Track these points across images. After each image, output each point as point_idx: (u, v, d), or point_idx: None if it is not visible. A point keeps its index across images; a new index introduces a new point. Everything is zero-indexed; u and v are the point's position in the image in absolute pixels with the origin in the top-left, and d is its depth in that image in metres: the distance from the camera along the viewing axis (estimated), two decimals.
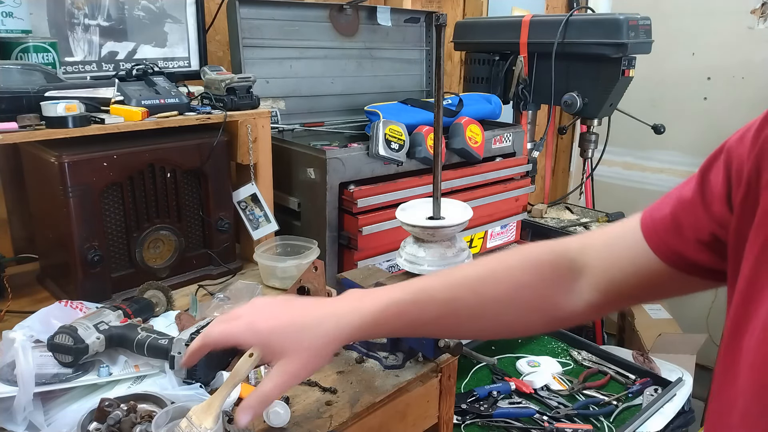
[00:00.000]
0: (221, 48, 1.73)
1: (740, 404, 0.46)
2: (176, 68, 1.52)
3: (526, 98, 2.01)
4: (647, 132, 2.10)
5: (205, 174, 1.31)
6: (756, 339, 0.45)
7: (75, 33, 1.33)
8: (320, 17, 1.78)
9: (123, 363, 0.97)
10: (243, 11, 1.59)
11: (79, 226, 1.12)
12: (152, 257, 1.27)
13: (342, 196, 1.44)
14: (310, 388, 0.96)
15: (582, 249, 0.65)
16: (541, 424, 1.41)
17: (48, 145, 1.11)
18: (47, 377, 0.90)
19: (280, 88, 1.73)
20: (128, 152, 1.17)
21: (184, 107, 1.27)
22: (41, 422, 0.83)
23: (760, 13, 2.53)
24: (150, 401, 0.86)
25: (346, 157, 1.42)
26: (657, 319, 2.49)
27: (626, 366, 1.67)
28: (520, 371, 1.62)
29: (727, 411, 0.48)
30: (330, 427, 0.88)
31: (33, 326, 0.99)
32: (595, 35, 1.78)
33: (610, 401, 1.50)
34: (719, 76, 2.68)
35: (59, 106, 1.06)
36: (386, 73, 1.96)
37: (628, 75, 1.80)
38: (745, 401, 0.45)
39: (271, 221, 1.42)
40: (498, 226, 1.76)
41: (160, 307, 1.16)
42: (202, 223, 1.35)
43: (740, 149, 0.50)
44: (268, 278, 1.34)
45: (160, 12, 1.46)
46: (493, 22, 2.15)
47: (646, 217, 0.60)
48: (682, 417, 1.54)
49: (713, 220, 0.53)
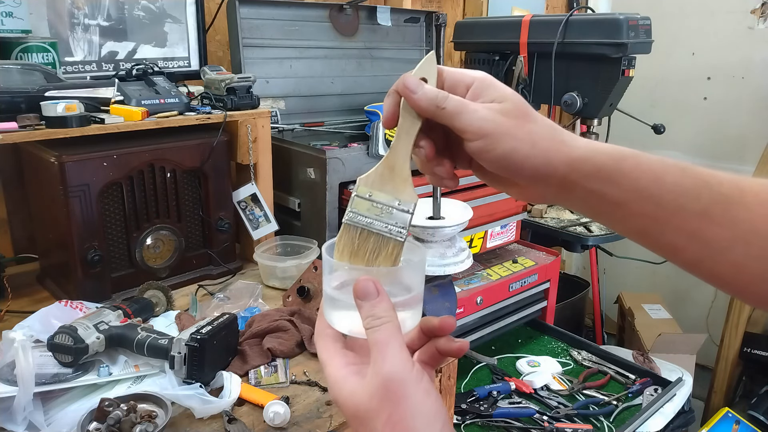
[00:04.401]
0: (221, 48, 1.73)
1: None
2: (176, 68, 1.51)
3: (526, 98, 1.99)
4: (647, 132, 2.10)
5: (205, 174, 1.31)
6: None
7: (75, 33, 1.33)
8: (320, 17, 1.78)
9: (123, 363, 0.97)
10: (243, 11, 1.59)
11: (78, 226, 1.12)
12: (152, 257, 1.27)
13: (342, 196, 1.44)
14: (310, 388, 0.96)
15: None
16: (541, 424, 1.41)
17: (48, 145, 1.11)
18: (47, 377, 0.90)
19: (280, 88, 1.73)
20: (128, 152, 1.17)
21: (184, 107, 1.27)
22: (41, 422, 0.83)
23: (760, 13, 2.53)
24: (150, 401, 0.86)
25: (346, 157, 1.42)
26: (657, 318, 2.49)
27: (626, 366, 1.67)
28: (520, 371, 1.62)
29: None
30: (330, 427, 0.88)
31: (33, 326, 0.99)
32: (595, 35, 1.78)
33: (610, 401, 1.50)
34: (719, 75, 2.68)
35: (59, 106, 1.06)
36: (386, 73, 1.96)
37: (628, 75, 1.80)
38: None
39: (271, 221, 1.41)
40: (498, 226, 1.75)
41: (160, 307, 1.16)
42: (202, 223, 1.35)
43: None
44: (268, 278, 1.34)
45: (160, 12, 1.46)
46: (493, 22, 2.15)
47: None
48: (682, 417, 1.54)
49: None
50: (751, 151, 2.50)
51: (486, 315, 1.61)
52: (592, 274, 2.61)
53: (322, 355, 0.46)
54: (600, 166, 0.46)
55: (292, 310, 1.15)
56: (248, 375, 0.98)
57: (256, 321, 1.10)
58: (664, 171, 0.45)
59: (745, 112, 2.61)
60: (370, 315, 0.42)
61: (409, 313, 0.46)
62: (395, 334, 0.42)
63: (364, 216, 0.46)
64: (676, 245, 0.46)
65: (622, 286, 2.81)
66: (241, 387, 0.92)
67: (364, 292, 0.43)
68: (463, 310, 1.52)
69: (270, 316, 1.11)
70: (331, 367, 0.45)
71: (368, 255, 0.46)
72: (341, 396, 0.43)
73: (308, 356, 1.05)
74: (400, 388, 0.41)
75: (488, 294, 1.57)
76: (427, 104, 0.47)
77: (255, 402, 0.91)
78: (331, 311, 0.46)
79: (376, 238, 0.46)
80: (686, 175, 0.45)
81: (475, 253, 1.68)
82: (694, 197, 0.44)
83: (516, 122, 0.46)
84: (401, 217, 0.46)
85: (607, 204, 0.46)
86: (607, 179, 0.46)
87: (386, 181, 0.47)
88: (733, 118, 2.65)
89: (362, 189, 0.47)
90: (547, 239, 2.00)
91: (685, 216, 0.45)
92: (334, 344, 0.46)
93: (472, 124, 0.46)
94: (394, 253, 0.46)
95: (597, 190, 0.46)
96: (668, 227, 0.45)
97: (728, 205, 0.44)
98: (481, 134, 0.46)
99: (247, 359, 1.01)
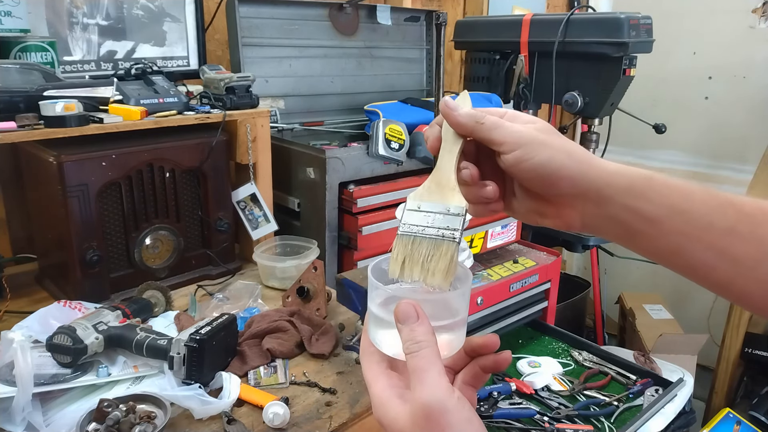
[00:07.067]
0: (220, 47, 1.73)
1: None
2: (175, 67, 1.51)
3: (526, 97, 2.01)
4: (648, 131, 2.10)
5: (204, 174, 1.31)
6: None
7: (74, 32, 1.32)
8: (320, 16, 1.77)
9: (122, 363, 0.97)
10: (242, 10, 1.58)
11: (77, 226, 1.11)
12: (151, 257, 1.27)
13: (342, 196, 1.44)
14: (310, 388, 0.96)
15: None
16: (541, 425, 1.40)
17: (46, 145, 1.11)
18: (46, 378, 0.89)
19: (280, 87, 1.72)
20: (127, 152, 1.17)
21: (183, 106, 1.27)
22: (40, 422, 0.83)
23: (761, 13, 2.53)
24: (149, 402, 0.86)
25: (345, 156, 1.42)
26: (658, 319, 2.49)
27: (627, 366, 1.66)
28: (520, 372, 1.61)
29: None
30: (330, 427, 0.88)
31: (32, 326, 0.99)
32: (596, 34, 1.78)
33: (611, 402, 1.49)
34: (720, 75, 2.67)
35: (58, 106, 1.06)
36: (386, 72, 1.96)
37: (629, 74, 1.79)
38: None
39: (271, 221, 1.41)
40: (498, 226, 1.75)
41: (159, 308, 1.16)
42: (201, 223, 1.35)
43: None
44: (267, 278, 1.33)
45: (158, 11, 1.45)
46: (494, 21, 2.14)
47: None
48: (683, 417, 1.53)
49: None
50: (752, 150, 2.49)
51: (487, 315, 1.60)
52: (593, 274, 2.61)
53: (366, 375, 0.47)
54: (632, 181, 0.47)
55: (291, 311, 1.14)
56: (248, 376, 0.98)
57: (255, 321, 1.10)
58: (691, 189, 0.47)
59: (747, 112, 2.61)
60: (410, 339, 0.42)
61: (454, 336, 0.46)
62: (434, 360, 0.42)
63: (417, 225, 0.47)
64: (707, 264, 0.46)
65: (623, 287, 2.80)
66: (241, 388, 0.92)
67: (404, 315, 0.43)
68: None
69: (269, 317, 1.11)
70: (375, 387, 0.45)
71: (422, 258, 0.46)
72: (386, 419, 0.44)
73: (308, 357, 1.05)
74: (442, 417, 0.40)
75: (489, 294, 1.56)
76: (467, 120, 0.49)
77: (254, 403, 0.90)
78: (375, 330, 0.46)
79: (429, 242, 0.46)
80: (710, 194, 0.46)
81: (475, 253, 1.68)
82: (722, 214, 0.45)
83: (549, 136, 0.49)
84: (452, 220, 0.47)
85: (642, 221, 0.47)
86: (640, 195, 0.47)
87: (434, 192, 0.49)
88: (735, 118, 2.64)
89: (412, 203, 0.49)
90: (548, 239, 2.00)
91: (714, 233, 0.45)
92: (378, 365, 0.46)
93: (511, 135, 0.48)
94: (448, 254, 0.46)
95: (632, 206, 0.47)
96: (699, 245, 0.46)
97: (753, 225, 0.45)
98: (520, 144, 0.48)
99: (246, 360, 1.01)
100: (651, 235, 0.48)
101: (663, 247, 0.48)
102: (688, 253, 0.47)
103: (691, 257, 0.47)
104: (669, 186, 0.47)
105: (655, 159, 2.91)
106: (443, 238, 0.46)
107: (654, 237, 0.48)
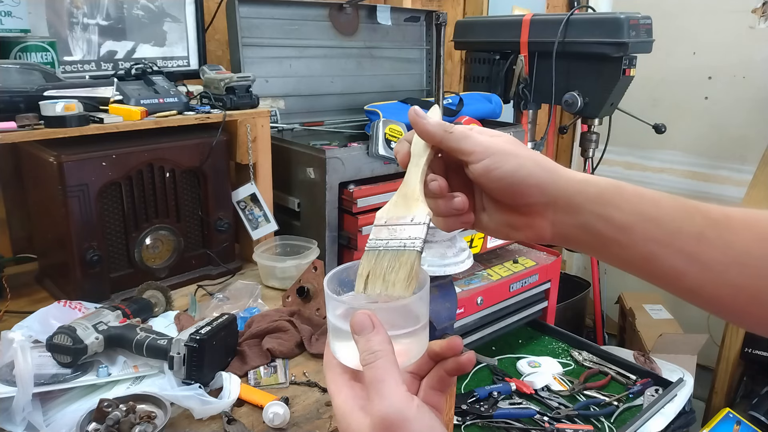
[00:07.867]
0: (220, 47, 1.73)
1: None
2: (175, 67, 1.51)
3: (526, 97, 2.01)
4: (648, 131, 2.10)
5: (204, 174, 1.31)
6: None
7: (74, 32, 1.32)
8: (320, 16, 1.77)
9: (122, 363, 0.97)
10: (242, 10, 1.58)
11: (77, 226, 1.11)
12: (151, 257, 1.27)
13: (342, 196, 1.44)
14: (310, 388, 0.96)
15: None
16: (541, 425, 1.40)
17: (47, 145, 1.11)
18: (46, 377, 0.89)
19: (280, 87, 1.72)
20: (127, 152, 1.17)
21: (183, 107, 1.27)
22: (40, 422, 0.83)
23: (761, 13, 2.53)
24: (149, 402, 0.86)
25: (345, 156, 1.42)
26: (658, 319, 2.49)
27: (627, 366, 1.66)
28: (520, 372, 1.61)
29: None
30: (330, 427, 0.88)
31: (32, 326, 0.99)
32: (596, 34, 1.78)
33: (611, 402, 1.49)
34: (720, 75, 2.67)
35: (58, 106, 1.06)
36: (386, 73, 1.96)
37: (629, 74, 1.79)
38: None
39: (271, 221, 1.41)
40: None
41: (159, 308, 1.16)
42: (201, 223, 1.35)
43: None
44: (267, 278, 1.33)
45: (159, 11, 1.45)
46: (494, 21, 2.14)
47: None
48: (683, 417, 1.54)
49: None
50: (751, 150, 2.49)
51: (486, 315, 1.61)
52: (593, 274, 2.61)
53: (329, 387, 0.46)
54: (602, 190, 0.48)
55: (291, 311, 1.14)
56: (248, 375, 0.98)
57: (255, 321, 1.10)
58: (660, 197, 0.48)
59: (746, 112, 2.61)
60: (366, 349, 0.42)
61: (414, 343, 0.45)
62: (390, 370, 0.41)
63: (382, 239, 0.48)
64: (677, 269, 0.47)
65: (623, 287, 2.80)
66: (241, 388, 0.92)
67: (360, 326, 0.42)
68: (463, 311, 1.52)
69: (269, 317, 1.11)
70: (337, 399, 0.45)
71: (384, 271, 0.46)
72: (349, 431, 0.43)
73: (308, 357, 1.05)
74: (402, 427, 0.40)
75: (489, 294, 1.56)
76: (436, 129, 0.49)
77: (254, 403, 0.90)
78: (334, 342, 0.46)
79: (392, 255, 0.47)
80: (678, 201, 0.47)
81: (475, 253, 1.68)
82: (690, 220, 0.46)
83: (517, 147, 0.49)
84: (415, 229, 0.47)
85: (613, 228, 0.48)
86: (609, 203, 0.47)
87: (400, 206, 0.49)
88: (734, 118, 2.64)
89: (379, 218, 0.50)
90: None
91: (683, 238, 0.46)
92: (341, 376, 0.46)
93: (479, 144, 0.48)
94: (408, 263, 0.46)
95: (603, 214, 0.48)
96: (669, 250, 0.46)
97: (720, 229, 0.46)
98: (488, 153, 0.48)
99: (246, 360, 1.01)
100: (622, 243, 0.48)
101: (634, 254, 0.48)
102: (659, 260, 0.47)
103: (663, 264, 0.47)
104: (638, 194, 0.48)
105: (654, 159, 2.92)
106: (404, 248, 0.46)
107: (625, 245, 0.48)
